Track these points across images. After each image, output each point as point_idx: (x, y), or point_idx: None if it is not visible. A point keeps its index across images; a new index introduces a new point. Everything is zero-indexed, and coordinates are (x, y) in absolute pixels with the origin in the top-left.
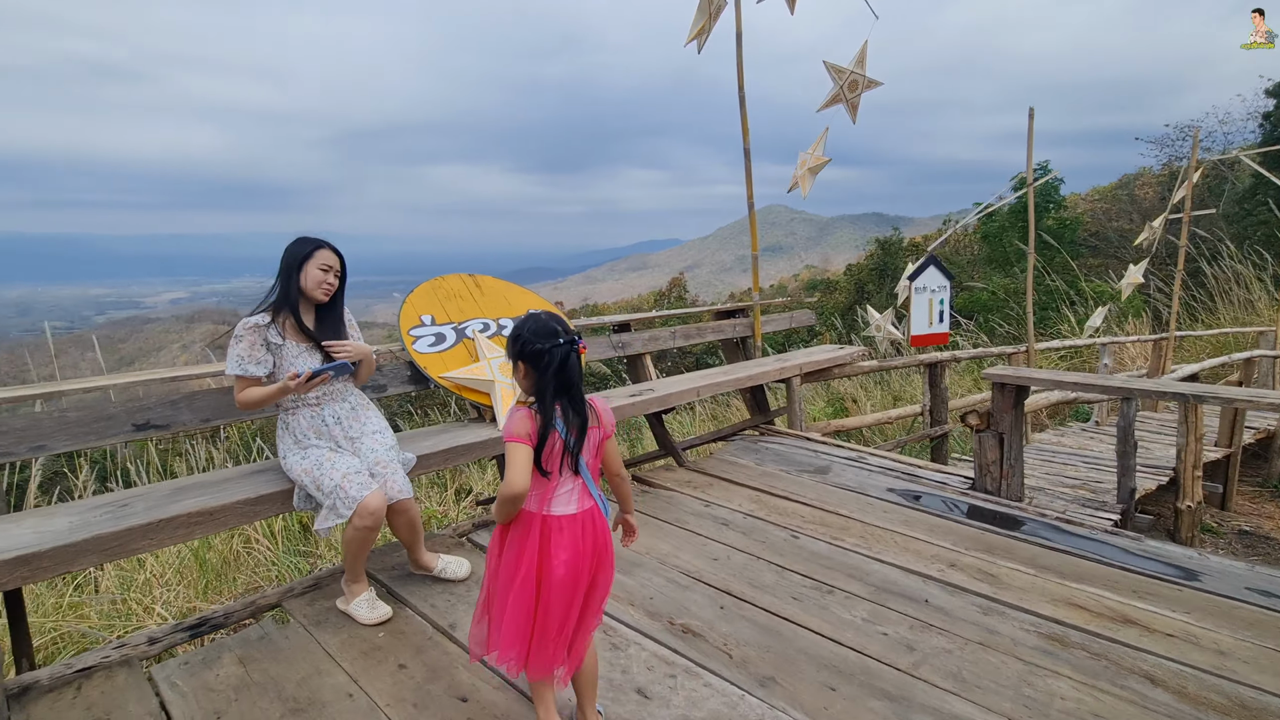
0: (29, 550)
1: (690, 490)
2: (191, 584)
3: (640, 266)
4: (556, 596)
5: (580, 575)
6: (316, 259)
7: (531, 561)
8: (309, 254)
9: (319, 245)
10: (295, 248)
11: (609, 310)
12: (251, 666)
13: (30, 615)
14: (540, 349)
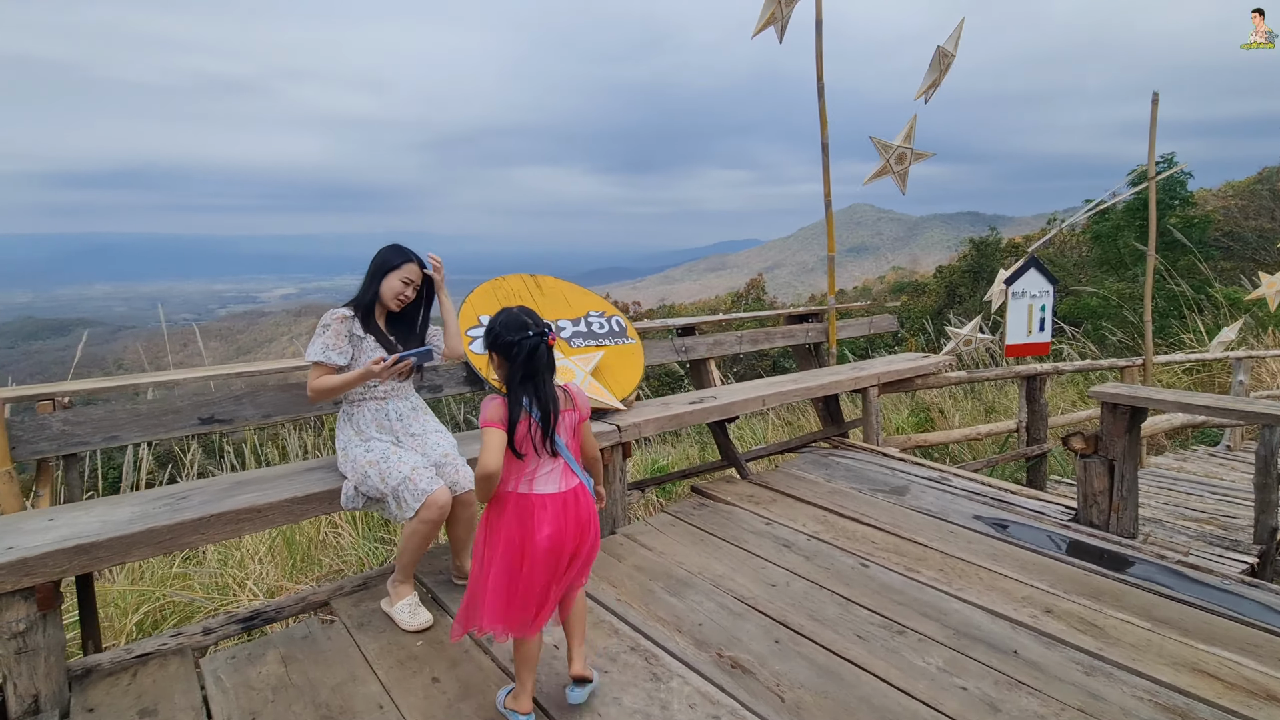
0: (88, 540)
1: (751, 505)
2: (280, 563)
3: (719, 267)
4: (540, 567)
5: (563, 548)
6: (402, 271)
7: (513, 537)
8: (396, 265)
9: (408, 259)
10: (386, 255)
11: (685, 311)
12: (292, 666)
13: (142, 583)
14: (510, 340)
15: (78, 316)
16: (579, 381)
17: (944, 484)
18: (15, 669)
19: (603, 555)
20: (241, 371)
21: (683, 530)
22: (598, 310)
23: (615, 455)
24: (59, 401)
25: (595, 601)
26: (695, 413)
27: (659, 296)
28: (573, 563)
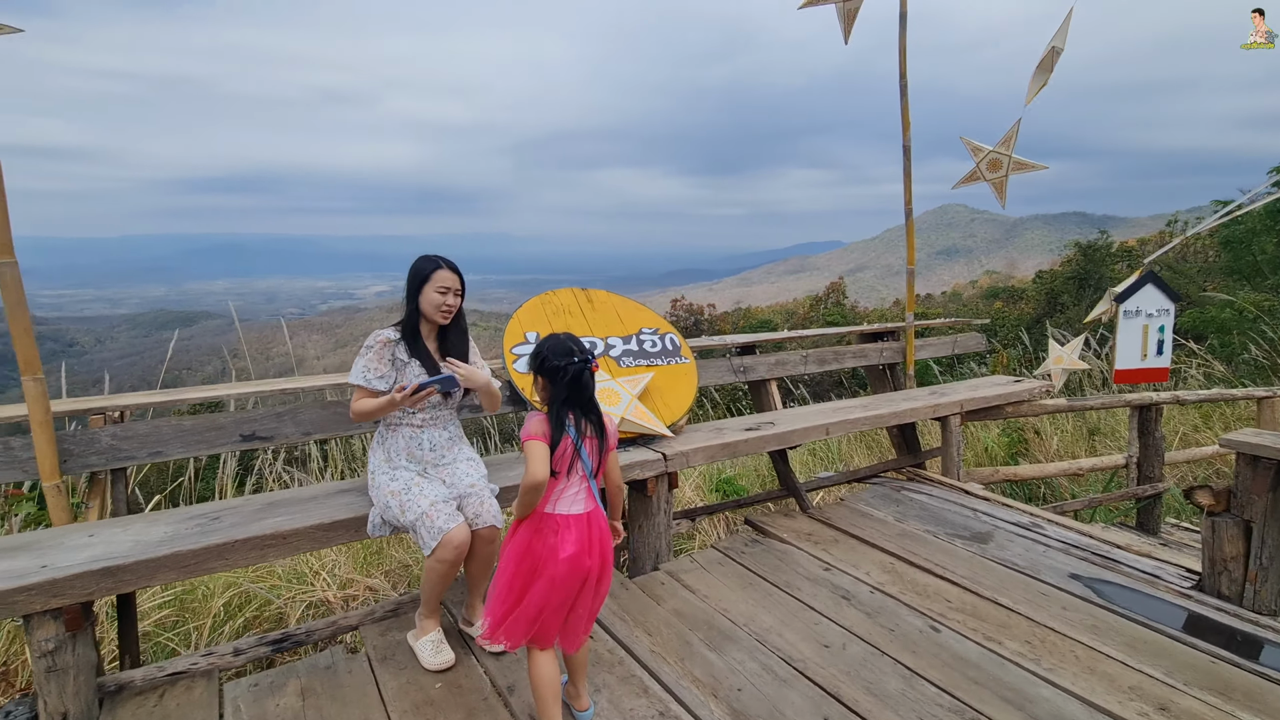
0: (116, 563)
1: (810, 545)
2: (354, 555)
3: (798, 269)
4: (559, 584)
5: (584, 568)
6: (434, 280)
7: (532, 550)
8: (427, 275)
9: (437, 266)
10: (416, 267)
11: (761, 314)
12: (310, 701)
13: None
14: (556, 365)
15: (201, 309)
16: (624, 405)
17: (1035, 532)
18: (45, 687)
19: (641, 596)
20: (284, 388)
21: (732, 571)
22: (651, 327)
23: (660, 485)
24: (109, 416)
25: (627, 652)
26: (750, 441)
27: (735, 299)
28: (585, 585)
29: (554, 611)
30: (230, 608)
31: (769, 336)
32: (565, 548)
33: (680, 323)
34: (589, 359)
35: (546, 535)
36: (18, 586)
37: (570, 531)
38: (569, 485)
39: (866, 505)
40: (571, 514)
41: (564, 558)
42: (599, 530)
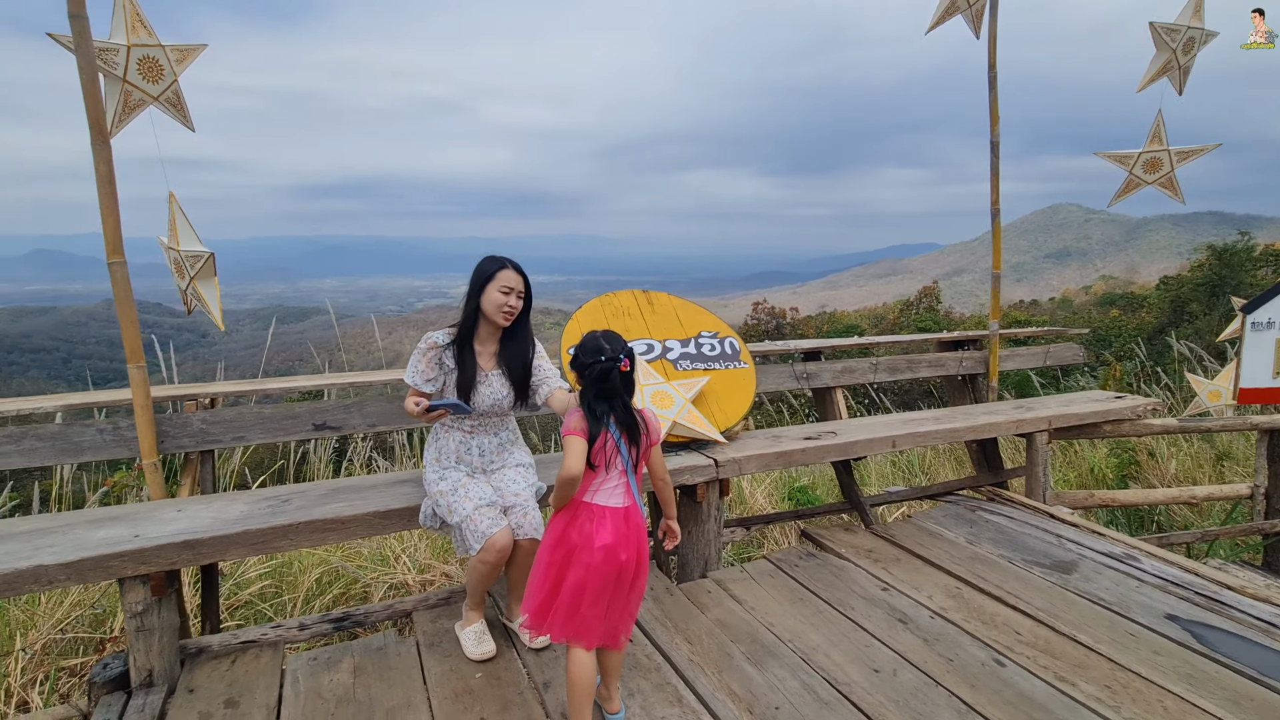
0: (195, 537)
1: (869, 563)
2: (433, 543)
3: (889, 273)
4: (595, 574)
5: (619, 560)
6: (498, 280)
7: (570, 540)
8: (491, 275)
9: (502, 265)
10: (480, 266)
11: (846, 318)
12: (360, 679)
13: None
14: (585, 363)
15: (313, 305)
16: (676, 409)
17: (1129, 564)
18: (135, 645)
19: (685, 602)
20: (354, 381)
21: (782, 584)
22: (710, 330)
23: (710, 492)
24: (201, 401)
25: (665, 659)
26: (809, 451)
27: (820, 303)
28: (621, 580)
29: (592, 602)
30: (321, 583)
31: (834, 342)
32: (601, 536)
33: (761, 325)
34: (619, 357)
35: (583, 523)
36: (113, 553)
37: (607, 522)
38: (608, 478)
39: (936, 524)
40: (609, 506)
41: (599, 545)
42: (636, 526)
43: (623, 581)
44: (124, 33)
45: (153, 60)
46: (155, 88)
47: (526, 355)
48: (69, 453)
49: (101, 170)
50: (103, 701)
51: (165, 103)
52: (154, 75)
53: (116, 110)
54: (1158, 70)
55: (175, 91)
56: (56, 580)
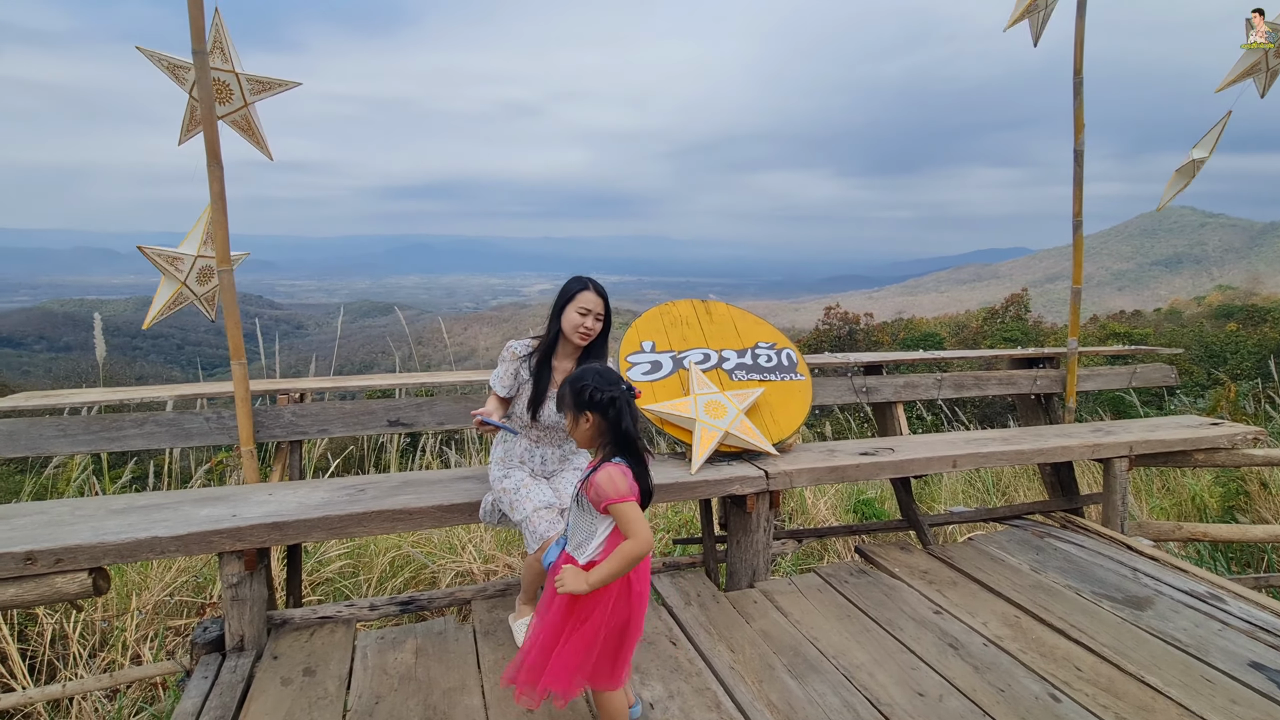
0: (281, 519)
1: (922, 584)
2: (498, 534)
3: (974, 278)
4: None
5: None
6: (577, 301)
7: (609, 604)
8: (572, 295)
9: (584, 287)
10: (565, 285)
11: (923, 325)
12: (421, 660)
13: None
14: (611, 396)
15: (395, 301)
16: (730, 419)
17: (1213, 604)
18: (230, 612)
19: (731, 610)
20: (424, 381)
21: (830, 599)
22: (768, 341)
23: (760, 503)
24: (291, 396)
25: (706, 664)
26: (863, 467)
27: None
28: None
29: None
30: (394, 565)
31: (896, 356)
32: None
33: (833, 331)
34: (630, 388)
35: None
36: (214, 530)
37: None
38: None
39: (999, 549)
40: None
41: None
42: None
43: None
44: (221, 58)
45: (224, 84)
46: (223, 109)
47: None
48: (180, 437)
49: (215, 189)
50: (203, 660)
51: (232, 124)
52: (223, 97)
53: (185, 122)
54: (1245, 70)
55: (245, 118)
56: (168, 551)
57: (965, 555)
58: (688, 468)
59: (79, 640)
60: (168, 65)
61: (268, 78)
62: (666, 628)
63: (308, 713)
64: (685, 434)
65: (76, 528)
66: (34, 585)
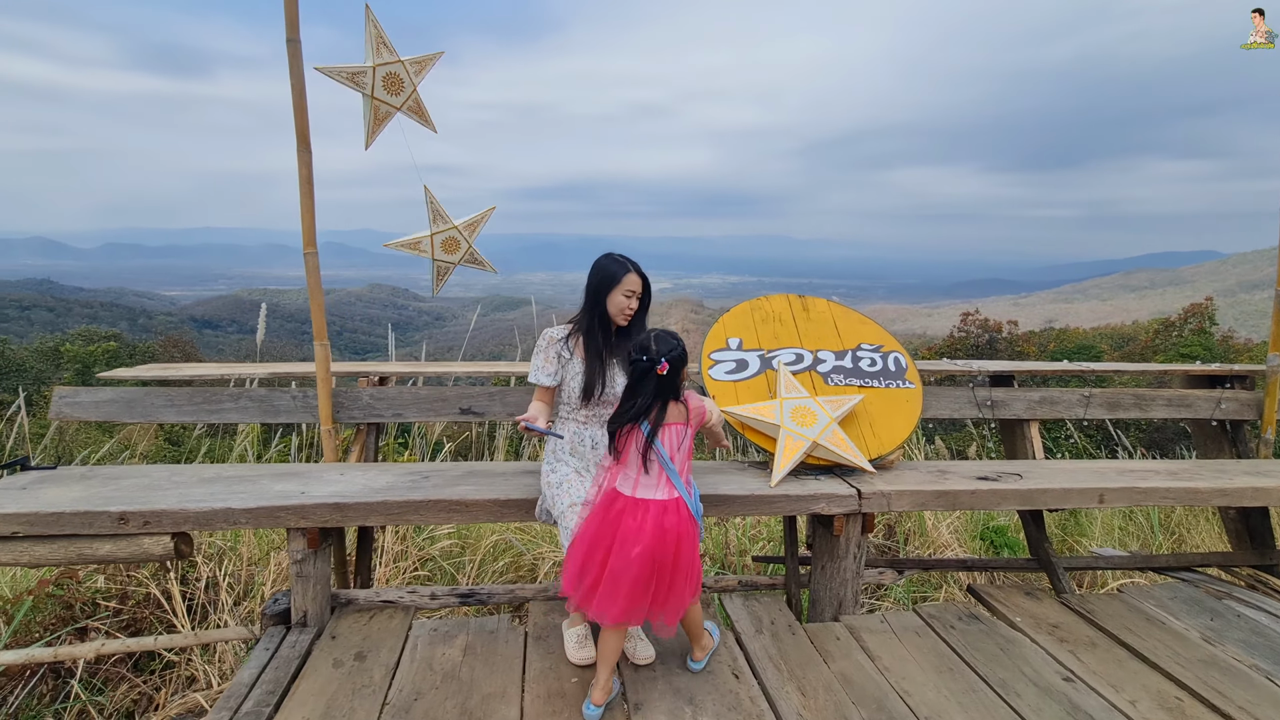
0: (344, 501)
1: (1051, 641)
2: None
3: (1146, 285)
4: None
5: (653, 554)
6: (624, 285)
7: (608, 530)
8: (618, 279)
9: (626, 269)
10: (606, 270)
11: (1079, 337)
12: (468, 658)
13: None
14: (631, 359)
15: (523, 296)
16: (819, 428)
17: None
18: (295, 587)
19: (808, 646)
20: (498, 370)
21: (929, 646)
22: (872, 343)
23: (850, 526)
24: (370, 379)
25: (770, 706)
26: (980, 495)
27: (1047, 317)
28: (660, 575)
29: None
30: (498, 549)
31: (1033, 366)
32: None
33: (970, 339)
34: (658, 360)
35: (626, 518)
36: (281, 505)
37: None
38: (646, 475)
39: (1159, 607)
40: (652, 499)
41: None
42: (677, 520)
43: (659, 578)
44: (370, 55)
45: (394, 75)
46: (398, 99)
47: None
48: (269, 413)
49: (303, 173)
50: (269, 631)
51: (408, 111)
52: (395, 89)
53: (369, 123)
54: None
55: (416, 100)
56: (239, 522)
57: (1112, 611)
58: (768, 479)
59: (227, 588)
60: (346, 75)
61: (422, 57)
62: (731, 657)
63: (349, 699)
64: (769, 441)
65: (168, 493)
66: (126, 544)
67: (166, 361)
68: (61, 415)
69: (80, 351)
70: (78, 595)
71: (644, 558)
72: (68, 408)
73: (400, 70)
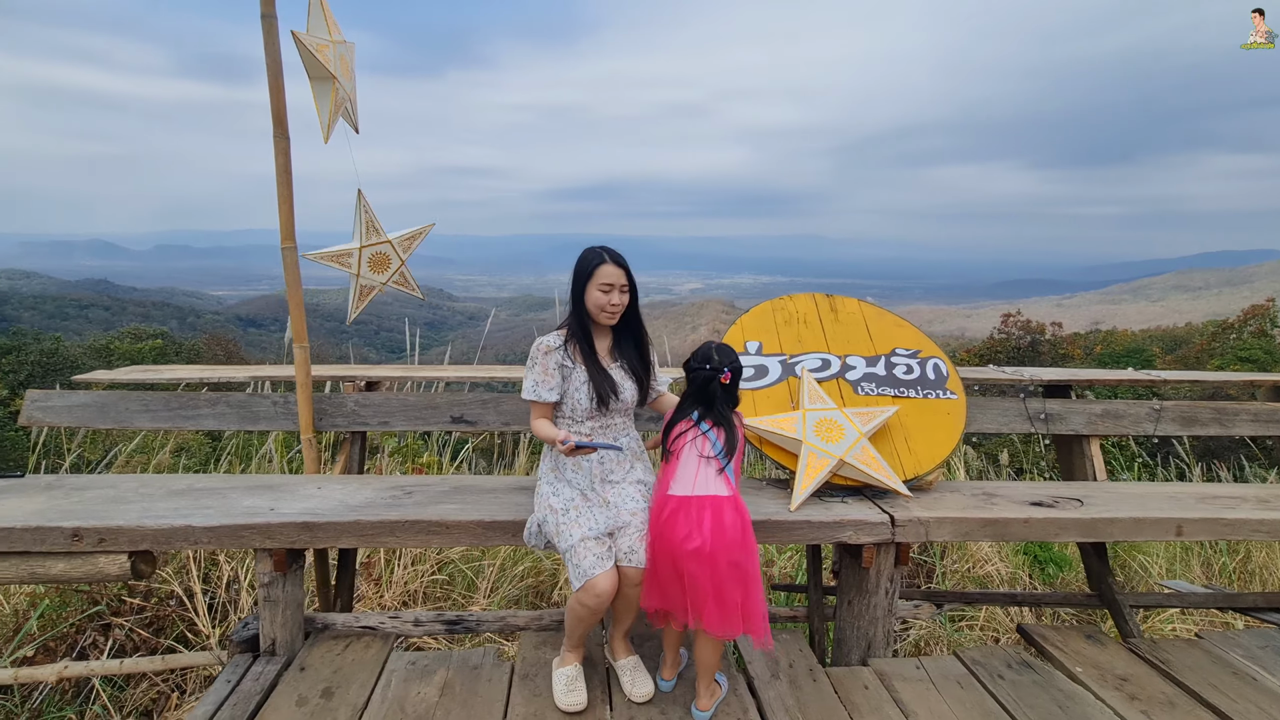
0: (312, 519)
1: (1119, 698)
2: None
3: (1201, 285)
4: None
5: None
6: (596, 278)
7: (665, 536)
8: (589, 272)
9: (600, 260)
10: (580, 261)
11: (1128, 339)
12: (445, 699)
13: None
14: (693, 367)
15: (553, 296)
16: (846, 444)
17: None
18: (263, 613)
19: (830, 694)
20: (492, 376)
21: (974, 700)
22: (909, 348)
23: (882, 559)
24: (357, 384)
25: None
26: (1035, 524)
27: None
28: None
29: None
30: (518, 553)
31: (1094, 374)
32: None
33: (1011, 341)
34: (721, 369)
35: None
36: (246, 523)
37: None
38: (704, 470)
39: (1247, 657)
40: (707, 495)
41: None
42: (734, 516)
43: (735, 571)
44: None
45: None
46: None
47: (644, 346)
48: (248, 420)
49: (279, 161)
50: (234, 660)
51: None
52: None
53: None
54: None
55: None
56: (200, 541)
57: (1191, 661)
58: (788, 500)
59: (248, 589)
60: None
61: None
62: (741, 707)
63: None
64: (789, 458)
65: (130, 507)
66: (80, 563)
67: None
68: (33, 420)
69: (129, 349)
70: (104, 592)
71: (706, 554)
72: (39, 412)
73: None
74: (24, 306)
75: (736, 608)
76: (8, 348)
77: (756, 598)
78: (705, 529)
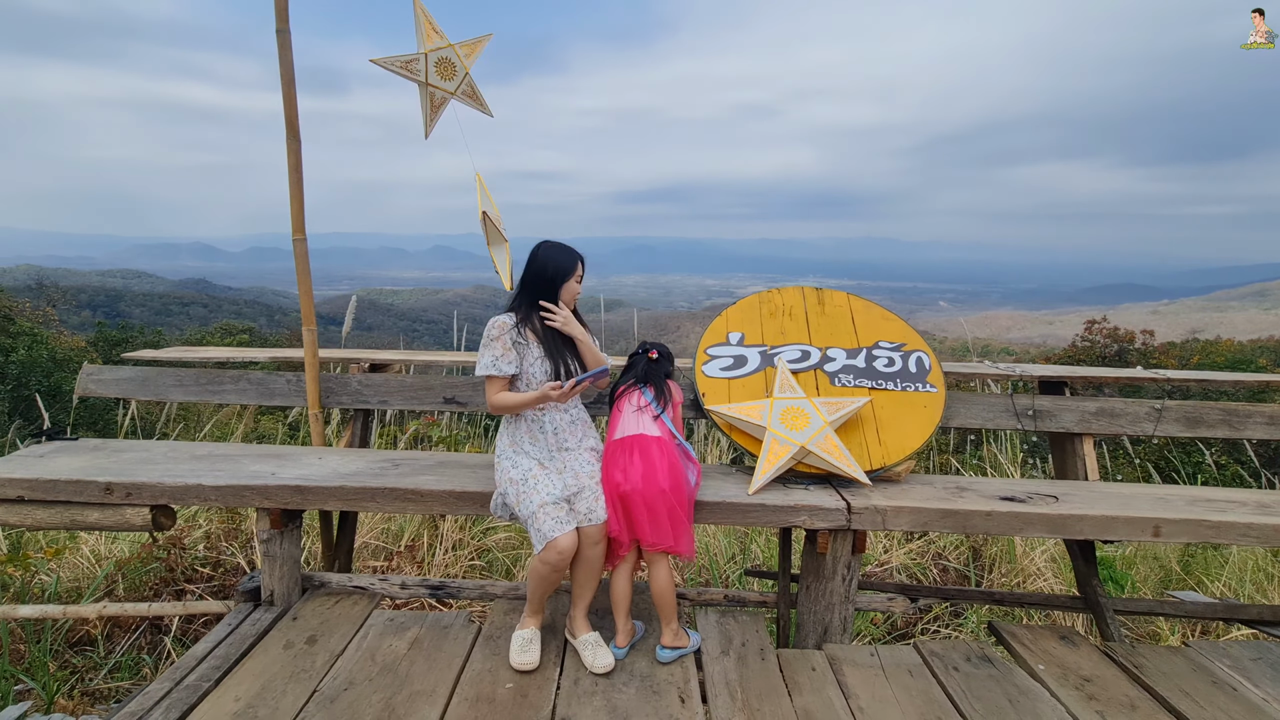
0: (305, 484)
1: (1077, 698)
2: None
3: None
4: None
5: (629, 475)
6: (576, 273)
7: (609, 476)
8: (571, 269)
9: (579, 259)
10: (556, 260)
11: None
12: (412, 652)
13: None
14: (631, 352)
15: (618, 298)
16: (809, 432)
17: None
18: (264, 566)
19: (774, 673)
20: None
21: (920, 689)
22: (893, 342)
23: (837, 544)
24: (361, 366)
25: None
26: (1000, 517)
27: (1192, 326)
28: (634, 492)
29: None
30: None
31: (1090, 372)
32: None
33: (1096, 349)
34: (650, 349)
35: (616, 459)
36: (248, 485)
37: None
38: (642, 416)
39: (1231, 667)
40: (644, 434)
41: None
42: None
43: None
44: (421, 41)
45: (446, 60)
46: (452, 84)
47: (584, 322)
48: (265, 395)
49: (291, 161)
50: (238, 608)
51: (462, 96)
52: (448, 74)
53: (426, 111)
54: None
55: (469, 84)
56: (209, 499)
57: (1167, 668)
58: (746, 484)
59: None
60: (400, 64)
61: (472, 40)
62: (683, 678)
63: (285, 683)
64: (756, 444)
65: (155, 468)
66: (111, 513)
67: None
68: (87, 390)
69: (220, 343)
70: (180, 561)
71: (635, 480)
72: (93, 384)
73: (451, 54)
74: (135, 304)
75: (665, 524)
76: (118, 339)
77: (682, 519)
78: (635, 460)
